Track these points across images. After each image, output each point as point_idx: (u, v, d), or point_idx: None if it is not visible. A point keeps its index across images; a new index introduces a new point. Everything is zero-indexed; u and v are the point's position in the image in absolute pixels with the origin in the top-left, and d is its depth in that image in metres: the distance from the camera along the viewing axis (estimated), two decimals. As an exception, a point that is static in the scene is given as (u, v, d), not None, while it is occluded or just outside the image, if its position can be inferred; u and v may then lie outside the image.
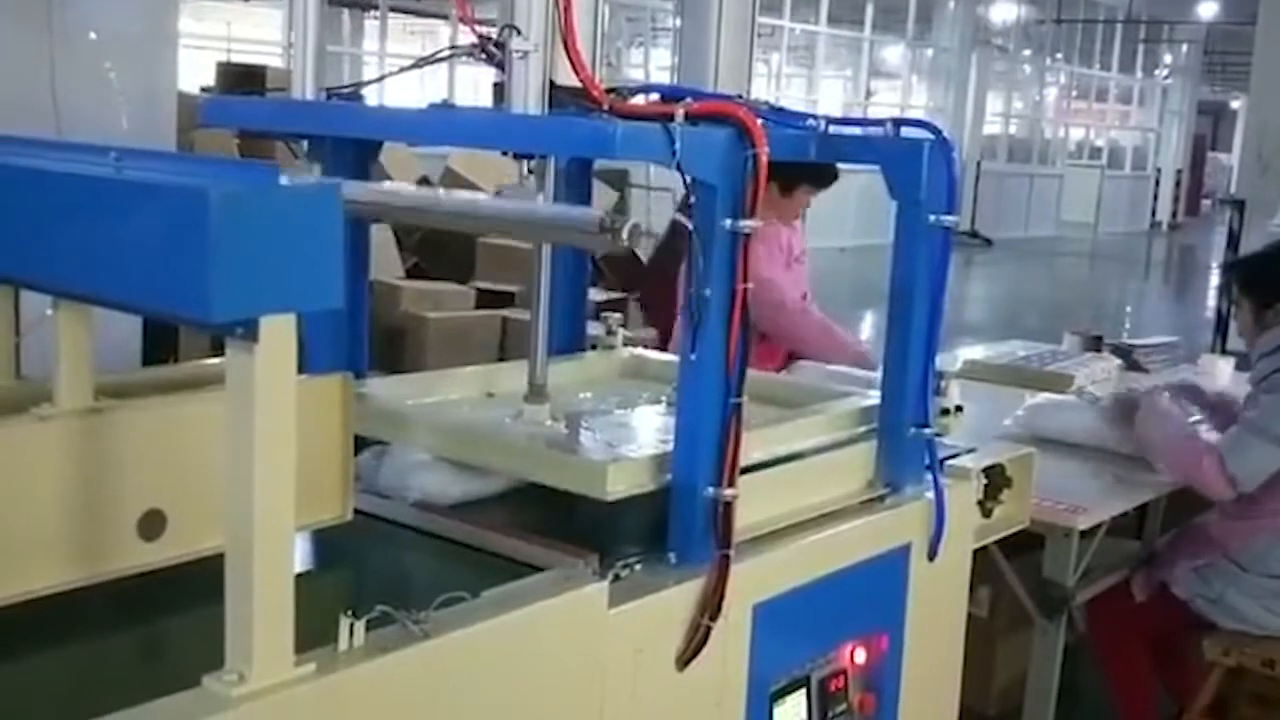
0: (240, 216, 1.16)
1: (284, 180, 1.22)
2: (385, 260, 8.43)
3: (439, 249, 9.08)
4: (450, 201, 1.97)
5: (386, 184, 2.18)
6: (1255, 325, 3.53)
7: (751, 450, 1.87)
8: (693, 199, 1.73)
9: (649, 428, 2.16)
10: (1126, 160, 28.47)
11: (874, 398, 2.21)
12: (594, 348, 2.59)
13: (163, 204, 1.19)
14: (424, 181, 9.15)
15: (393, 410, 2.05)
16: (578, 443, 1.94)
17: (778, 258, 4.26)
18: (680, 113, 1.69)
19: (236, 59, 13.84)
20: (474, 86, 12.90)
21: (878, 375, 2.23)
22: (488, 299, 8.36)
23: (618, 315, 2.68)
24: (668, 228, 6.39)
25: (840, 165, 4.31)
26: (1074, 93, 27.07)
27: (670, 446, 1.83)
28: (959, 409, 2.27)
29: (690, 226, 1.75)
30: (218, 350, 1.30)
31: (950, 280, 2.15)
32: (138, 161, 1.31)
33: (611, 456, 1.91)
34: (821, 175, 4.18)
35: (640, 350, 2.63)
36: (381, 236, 8.39)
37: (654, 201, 11.65)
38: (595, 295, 7.81)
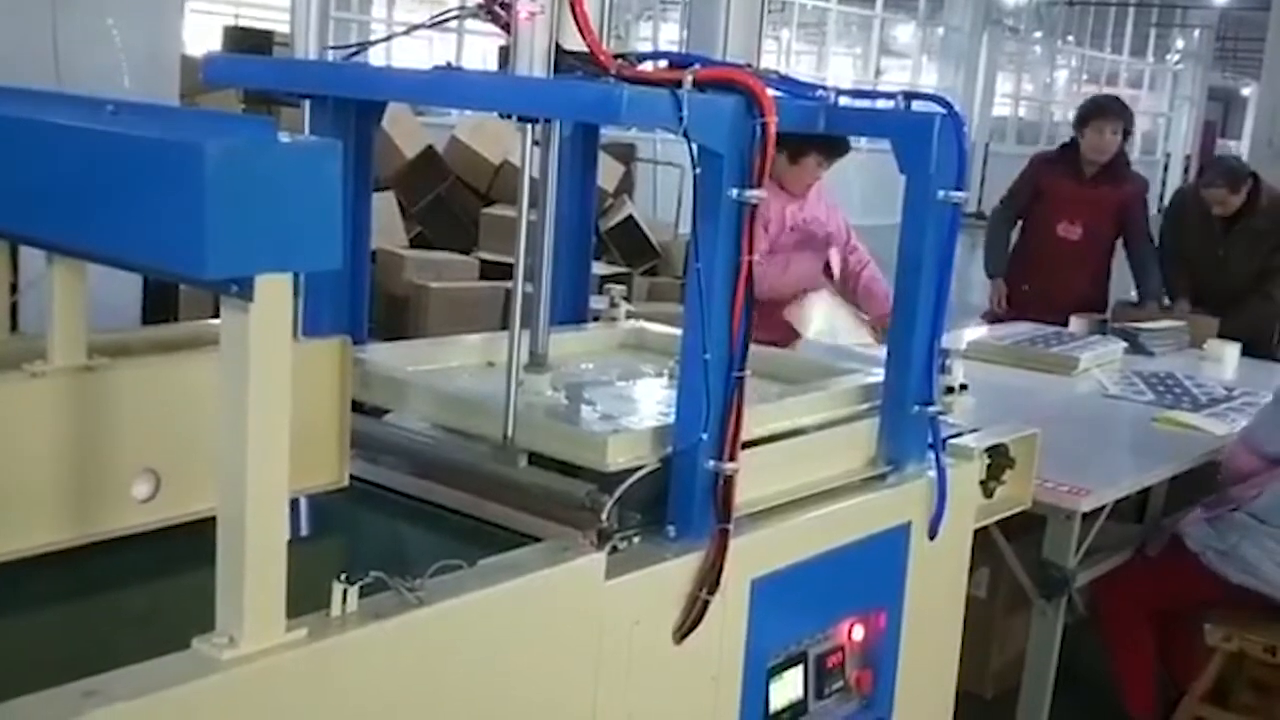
0: (237, 172, 1.14)
1: (283, 137, 1.20)
2: (389, 229, 8.41)
3: (443, 219, 9.06)
4: (428, 457, 1.92)
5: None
6: None
7: (753, 425, 1.85)
8: (698, 168, 1.70)
9: (650, 399, 2.14)
10: (1135, 145, 28.34)
11: (877, 375, 2.19)
12: (596, 319, 2.57)
13: (158, 158, 1.17)
14: (430, 151, 9.14)
15: (391, 376, 2.03)
16: (578, 413, 1.91)
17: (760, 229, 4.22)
18: (688, 79, 1.66)
19: (245, 25, 13.76)
20: (482, 58, 12.84)
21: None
22: (491, 270, 8.34)
23: (620, 287, 2.66)
24: None
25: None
26: (1084, 76, 26.95)
27: (671, 419, 1.81)
28: (964, 387, 2.25)
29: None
30: (219, 313, 1.27)
31: (956, 260, 2.13)
32: (134, 115, 1.28)
33: (612, 428, 1.89)
34: (832, 145, 4.12)
35: (642, 323, 2.61)
36: (385, 205, 8.37)
37: (661, 176, 11.60)
38: (598, 269, 7.79)
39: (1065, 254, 5.80)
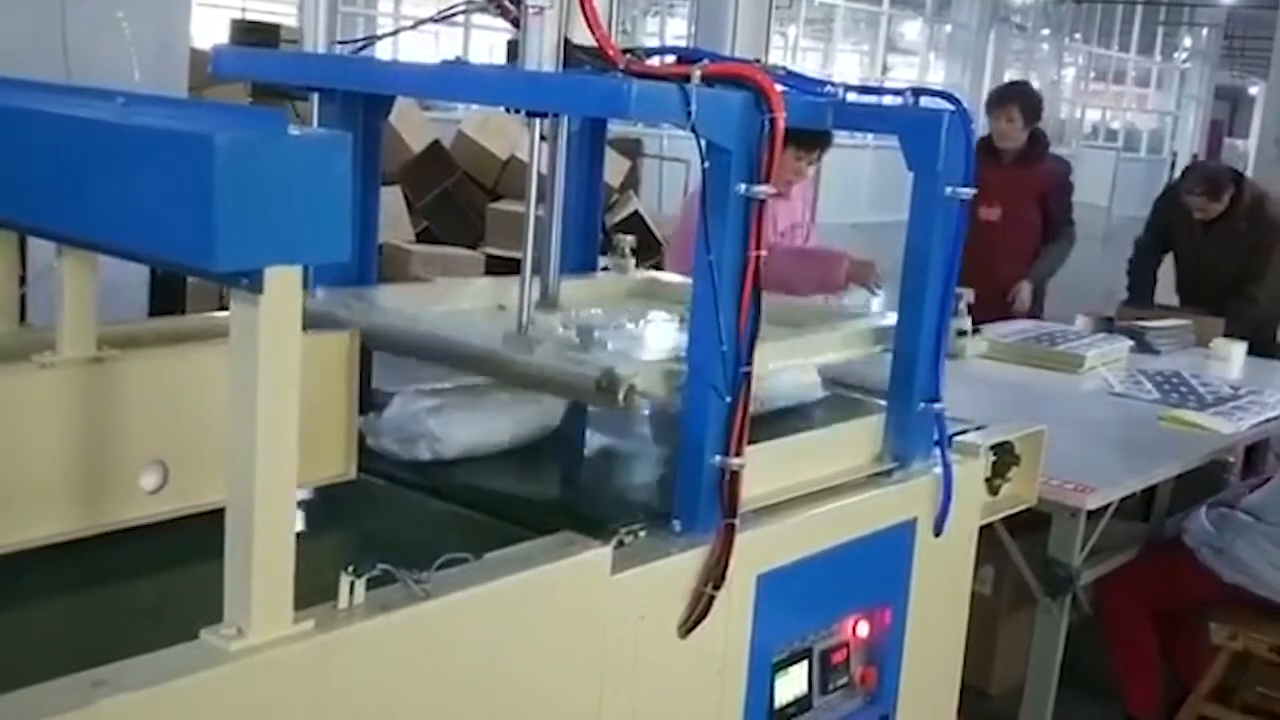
0: (247, 164, 1.14)
1: (293, 130, 1.20)
2: (395, 223, 8.42)
3: (450, 213, 9.08)
4: (442, 340, 1.92)
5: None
6: None
7: (768, 361, 1.81)
8: (706, 163, 1.70)
9: (662, 341, 2.11)
10: (1142, 143, 28.30)
11: (891, 318, 2.14)
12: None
13: (169, 150, 1.17)
14: (436, 146, 9.14)
15: (400, 318, 2.00)
16: (589, 349, 1.89)
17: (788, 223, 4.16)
18: (697, 74, 1.66)
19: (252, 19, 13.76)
20: (489, 52, 12.82)
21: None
22: (497, 265, 8.35)
23: (630, 237, 2.61)
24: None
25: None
26: (1091, 74, 26.91)
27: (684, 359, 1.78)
28: (976, 330, 2.22)
29: None
30: (225, 305, 1.28)
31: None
32: (145, 107, 1.28)
33: (625, 362, 1.85)
34: (809, 138, 3.82)
35: (653, 272, 2.59)
36: (392, 199, 8.38)
37: (666, 172, 11.59)
38: (604, 264, 7.79)
39: (986, 237, 5.82)
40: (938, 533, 2.16)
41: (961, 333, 2.20)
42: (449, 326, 1.97)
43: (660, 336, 2.16)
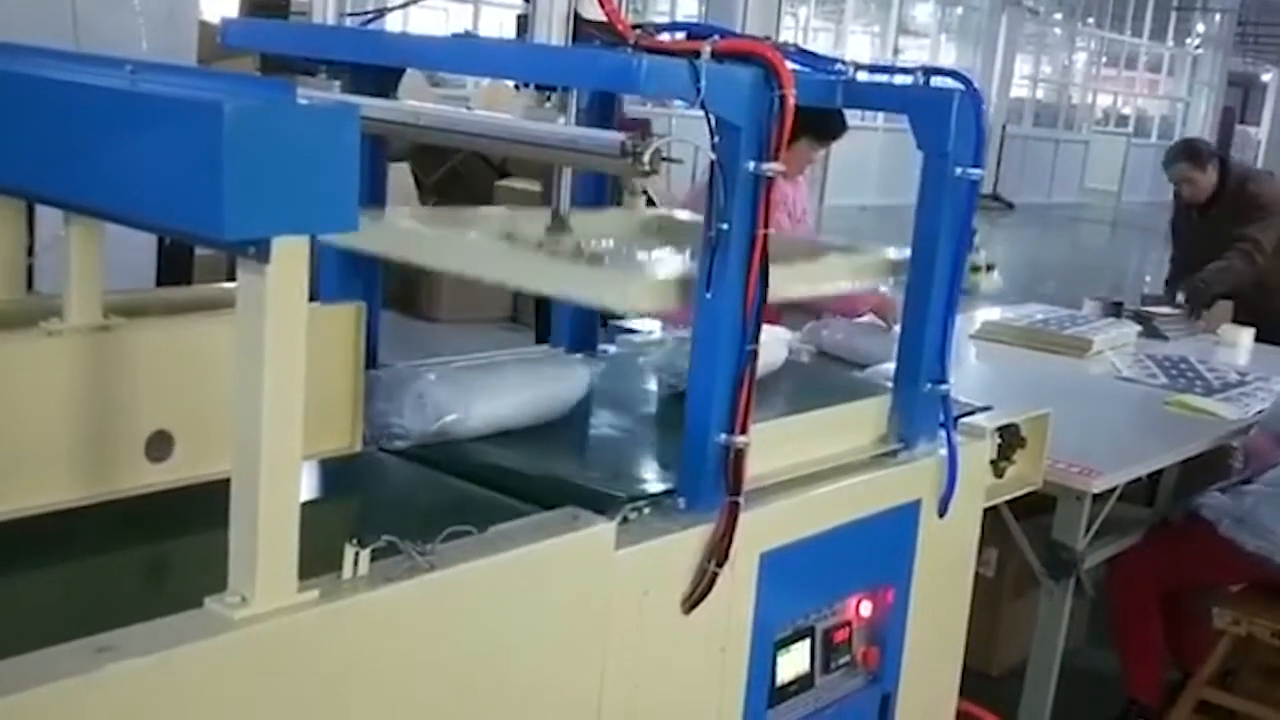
0: (255, 133, 1.14)
1: (301, 99, 1.20)
2: (403, 200, 8.40)
3: (458, 190, 9.06)
4: (465, 119, 1.90)
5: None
6: None
7: (780, 291, 1.80)
8: (716, 139, 1.69)
9: (672, 264, 2.09)
10: (1153, 129, 28.18)
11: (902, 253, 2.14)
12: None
13: (177, 118, 1.17)
14: (445, 122, 9.12)
15: (413, 231, 1.98)
16: (600, 262, 1.88)
17: (786, 213, 4.18)
18: (707, 50, 1.65)
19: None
20: (499, 28, 12.81)
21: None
22: (505, 242, 8.33)
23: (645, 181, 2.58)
24: None
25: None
26: (1103, 59, 26.78)
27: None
28: (990, 268, 2.19)
29: None
30: (232, 277, 1.28)
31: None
32: (153, 75, 1.28)
33: (635, 271, 1.84)
34: (825, 129, 3.96)
35: (665, 210, 2.56)
36: (400, 176, 8.37)
37: (675, 153, 11.54)
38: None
39: None
40: (942, 514, 2.16)
41: (975, 268, 2.13)
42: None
43: (672, 261, 2.13)
